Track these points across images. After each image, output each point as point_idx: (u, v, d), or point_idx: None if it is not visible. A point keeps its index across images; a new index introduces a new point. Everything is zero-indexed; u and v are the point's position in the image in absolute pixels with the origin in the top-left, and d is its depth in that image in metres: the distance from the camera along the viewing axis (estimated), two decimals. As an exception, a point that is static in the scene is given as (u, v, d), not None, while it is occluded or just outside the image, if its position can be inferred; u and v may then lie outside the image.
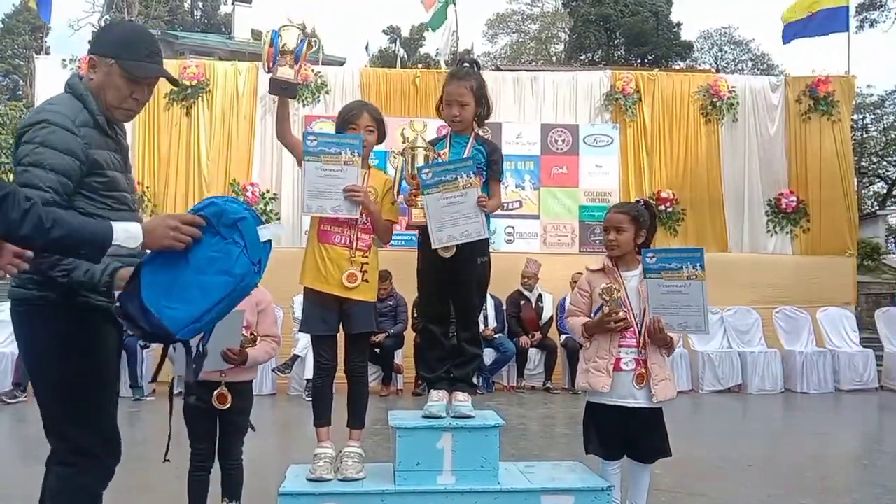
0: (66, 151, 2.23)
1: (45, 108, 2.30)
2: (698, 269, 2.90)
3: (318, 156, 3.01)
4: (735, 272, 9.78)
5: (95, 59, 2.39)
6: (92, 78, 2.38)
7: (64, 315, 2.27)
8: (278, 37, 3.06)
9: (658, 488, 4.14)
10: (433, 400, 3.17)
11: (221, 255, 2.16)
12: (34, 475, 4.48)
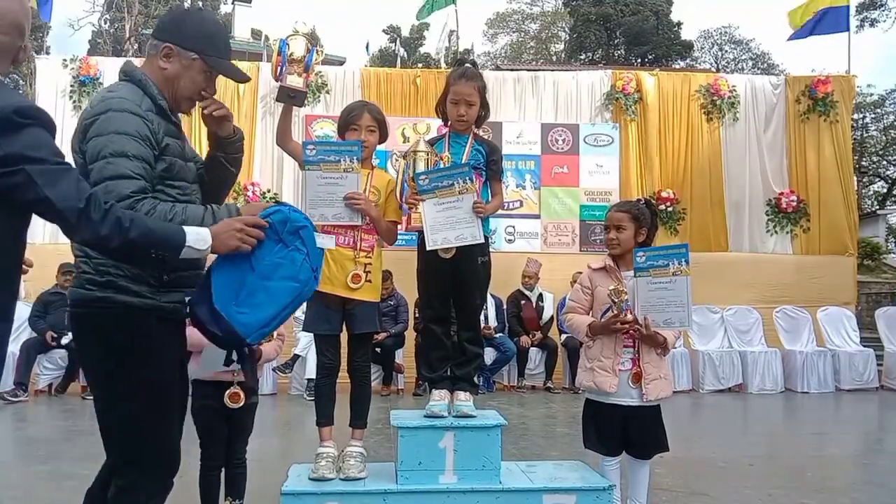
0: (142, 138, 2.15)
1: (109, 97, 2.19)
2: (683, 264, 2.93)
3: (317, 164, 3.02)
4: (735, 272, 9.81)
5: (174, 50, 2.29)
6: (165, 68, 2.29)
7: (128, 319, 2.15)
8: (286, 46, 3.08)
9: (659, 487, 4.15)
10: (435, 399, 3.18)
11: (286, 262, 2.21)
12: (35, 475, 4.52)
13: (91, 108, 2.17)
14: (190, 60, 2.31)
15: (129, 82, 2.26)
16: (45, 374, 7.86)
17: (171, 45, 2.29)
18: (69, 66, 9.56)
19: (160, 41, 2.30)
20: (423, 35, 35.58)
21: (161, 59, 2.30)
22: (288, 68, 3.06)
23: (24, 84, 30.86)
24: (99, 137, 2.11)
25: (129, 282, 2.14)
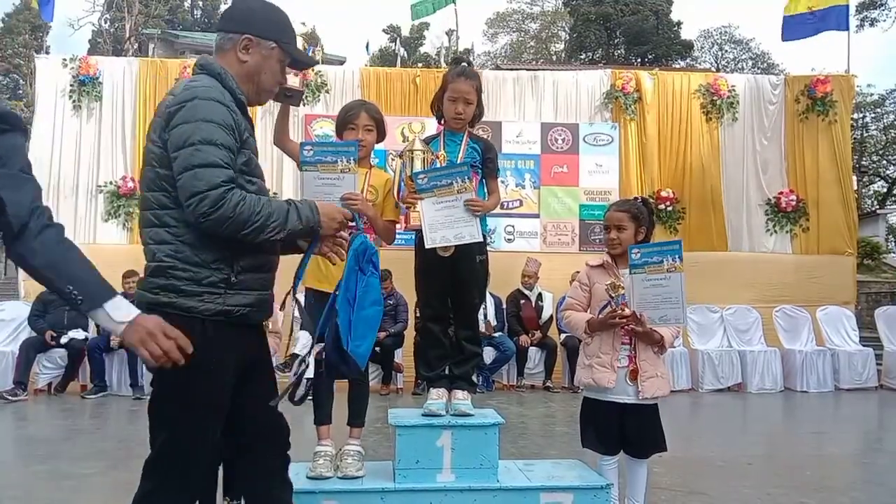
0: (228, 127, 2.09)
1: (194, 86, 2.12)
2: (677, 260, 2.93)
3: (314, 165, 3.02)
4: (735, 271, 9.81)
5: (253, 41, 2.23)
6: (246, 60, 2.23)
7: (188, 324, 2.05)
8: None
9: (657, 486, 4.15)
10: (433, 398, 3.18)
11: (371, 288, 2.35)
12: (34, 474, 4.52)
13: (175, 97, 2.11)
14: (269, 50, 2.26)
15: (206, 76, 2.19)
16: (45, 374, 7.86)
17: (250, 35, 2.23)
18: (69, 66, 9.56)
19: (236, 33, 2.23)
20: (422, 35, 35.61)
21: (240, 51, 2.23)
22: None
23: (24, 84, 30.90)
24: (185, 125, 2.04)
25: (193, 285, 2.08)
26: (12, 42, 32.77)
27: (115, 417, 6.80)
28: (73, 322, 8.00)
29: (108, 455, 5.02)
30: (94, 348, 7.79)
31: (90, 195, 9.46)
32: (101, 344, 7.80)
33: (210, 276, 2.09)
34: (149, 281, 2.13)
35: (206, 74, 2.19)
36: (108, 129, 9.58)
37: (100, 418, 6.73)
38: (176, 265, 2.08)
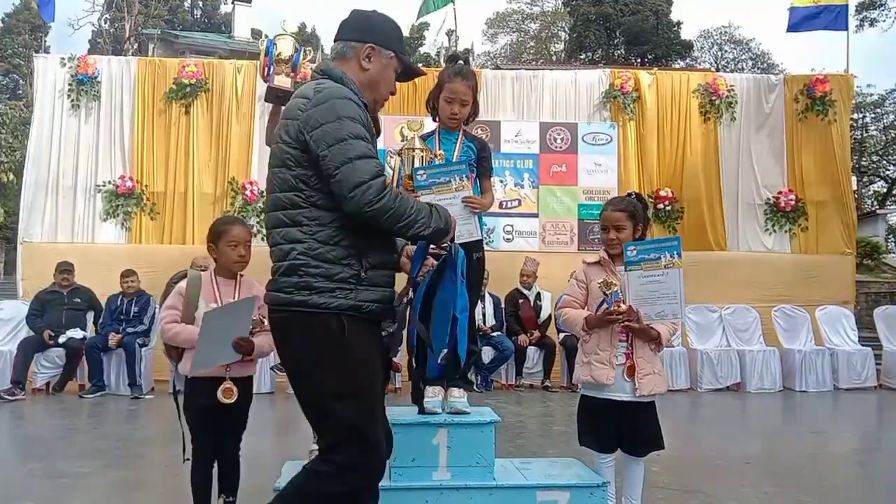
0: (365, 125, 2.17)
1: (326, 88, 2.18)
2: (675, 257, 2.92)
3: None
4: (734, 271, 9.80)
5: (375, 49, 2.30)
6: (368, 68, 2.30)
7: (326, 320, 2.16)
8: (273, 46, 3.07)
9: (655, 485, 4.14)
10: (429, 396, 3.17)
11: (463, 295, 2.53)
12: (30, 472, 4.52)
13: (309, 99, 2.16)
14: (388, 59, 2.33)
15: (329, 80, 2.24)
16: (43, 373, 7.84)
17: (373, 44, 2.30)
18: (67, 65, 9.54)
19: (359, 42, 2.30)
20: (422, 35, 35.57)
21: (363, 59, 2.30)
22: (275, 68, 3.06)
23: (23, 84, 30.89)
24: (329, 124, 2.11)
25: (325, 281, 2.14)
26: (12, 42, 32.76)
27: (113, 417, 6.79)
28: (71, 321, 8.00)
29: (105, 454, 5.01)
30: (92, 348, 7.77)
31: (88, 194, 9.44)
32: (100, 343, 7.80)
33: (341, 272, 2.15)
34: (280, 281, 2.19)
35: (328, 79, 2.25)
36: (107, 129, 9.57)
37: (97, 418, 6.72)
38: (308, 262, 2.14)
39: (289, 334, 2.22)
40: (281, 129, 2.22)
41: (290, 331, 2.21)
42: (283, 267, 2.17)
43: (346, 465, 2.14)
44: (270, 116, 3.27)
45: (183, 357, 3.03)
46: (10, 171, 20.00)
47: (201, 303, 3.02)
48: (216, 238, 3.11)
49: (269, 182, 2.27)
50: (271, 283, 2.23)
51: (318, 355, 2.17)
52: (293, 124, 2.16)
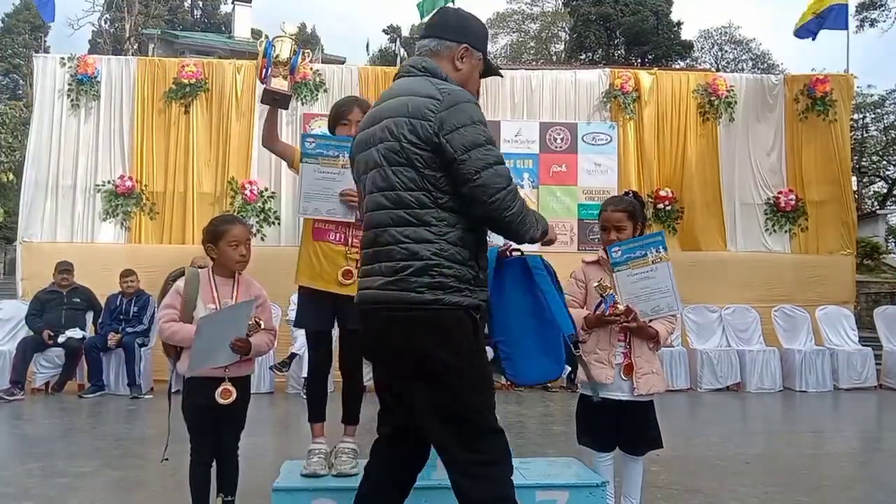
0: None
1: (450, 89, 2.20)
2: (661, 251, 2.92)
3: (315, 158, 3.01)
4: (733, 271, 9.79)
5: (469, 50, 2.34)
6: (461, 69, 2.33)
7: (459, 317, 2.21)
8: (272, 47, 3.05)
9: (655, 485, 4.14)
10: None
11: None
12: (28, 472, 4.51)
13: (437, 100, 2.17)
14: (477, 61, 2.37)
15: (429, 77, 2.26)
16: (42, 373, 7.83)
17: (468, 45, 2.34)
18: (67, 65, 9.54)
19: (454, 42, 2.33)
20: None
21: (458, 59, 2.33)
22: (273, 70, 3.04)
23: (23, 84, 30.90)
24: (465, 127, 2.14)
25: (457, 281, 2.19)
26: (12, 42, 32.78)
27: (112, 417, 6.79)
28: (70, 321, 7.99)
29: (104, 453, 5.01)
30: (92, 348, 7.77)
31: (88, 194, 9.43)
32: (99, 343, 7.79)
33: (466, 273, 2.22)
34: (412, 280, 2.18)
35: (431, 76, 2.27)
36: (106, 129, 9.56)
37: (96, 417, 6.72)
38: (442, 263, 2.17)
39: (423, 332, 2.19)
40: (402, 127, 2.18)
41: (424, 329, 2.19)
42: (414, 267, 2.17)
43: (500, 452, 2.25)
44: (268, 117, 3.25)
45: (181, 356, 3.03)
46: (9, 171, 20.00)
47: (199, 303, 3.00)
48: (215, 238, 3.08)
49: (380, 179, 2.24)
50: (394, 283, 2.19)
51: (456, 351, 2.20)
52: (424, 125, 2.15)
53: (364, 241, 2.35)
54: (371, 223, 2.29)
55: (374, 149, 2.26)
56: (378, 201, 2.25)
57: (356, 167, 2.42)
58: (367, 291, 2.28)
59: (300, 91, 9.56)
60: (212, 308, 2.99)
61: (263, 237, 9.45)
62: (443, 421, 2.23)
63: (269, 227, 9.56)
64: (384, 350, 2.32)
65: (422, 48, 2.37)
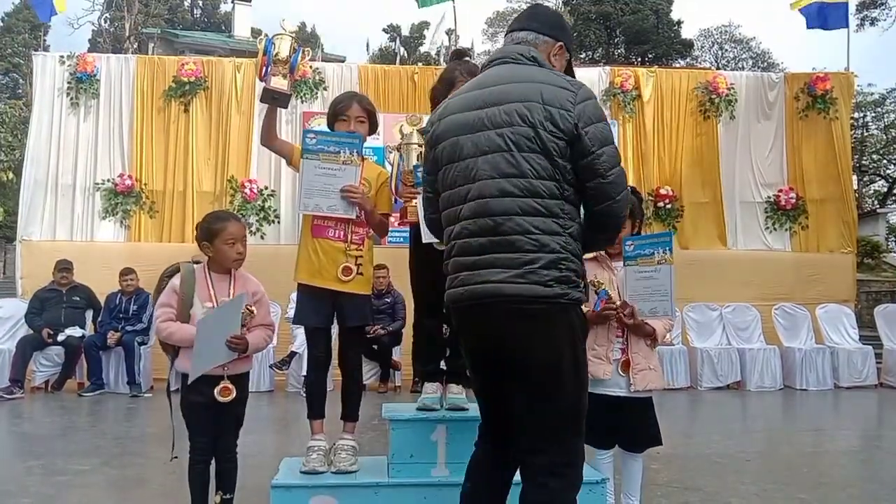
0: None
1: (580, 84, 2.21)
2: (668, 253, 2.91)
3: (316, 154, 3.00)
4: (734, 269, 9.78)
5: (563, 50, 2.39)
6: (554, 65, 2.34)
7: (579, 312, 2.23)
8: (272, 45, 3.04)
9: (654, 483, 4.13)
10: (427, 392, 3.16)
11: None
12: (27, 470, 4.51)
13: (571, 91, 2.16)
14: (565, 62, 2.40)
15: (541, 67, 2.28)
16: (42, 371, 7.83)
17: (563, 44, 2.38)
18: (66, 63, 9.52)
19: (551, 38, 2.36)
20: (423, 34, 35.57)
21: (553, 56, 2.35)
22: (273, 69, 3.02)
23: (23, 83, 30.89)
24: (600, 123, 2.17)
25: (576, 276, 2.19)
26: (12, 41, 32.76)
27: (112, 415, 6.78)
28: (70, 320, 7.98)
29: (103, 452, 5.01)
30: (91, 346, 7.76)
31: (87, 193, 9.43)
32: (98, 342, 7.79)
33: (580, 269, 2.23)
34: (542, 273, 2.11)
35: (538, 66, 2.27)
36: (106, 127, 9.54)
37: (96, 416, 6.71)
38: (568, 257, 2.14)
39: (551, 327, 2.15)
40: (537, 113, 2.12)
41: (552, 323, 2.14)
42: (544, 260, 2.11)
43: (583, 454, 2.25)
44: (267, 116, 3.23)
45: (180, 353, 3.01)
46: (9, 170, 20.01)
47: (196, 301, 2.98)
48: (211, 236, 3.04)
49: (507, 164, 2.14)
50: (522, 275, 2.11)
51: (575, 347, 2.20)
52: (563, 114, 2.11)
53: (473, 229, 2.18)
54: (489, 210, 2.15)
55: (494, 132, 2.16)
56: (503, 187, 2.14)
57: (444, 150, 2.29)
58: (487, 286, 2.15)
59: (300, 89, 9.55)
60: (209, 306, 2.97)
61: (263, 236, 9.45)
62: (553, 418, 2.17)
63: (269, 225, 9.55)
64: (501, 347, 2.20)
65: (518, 39, 2.35)
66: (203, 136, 9.63)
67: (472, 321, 2.25)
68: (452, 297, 2.28)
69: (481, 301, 2.17)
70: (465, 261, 2.22)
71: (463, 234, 2.22)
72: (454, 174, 2.25)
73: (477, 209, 2.18)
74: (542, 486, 2.13)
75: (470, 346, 2.36)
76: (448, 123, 2.29)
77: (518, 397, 2.20)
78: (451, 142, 2.26)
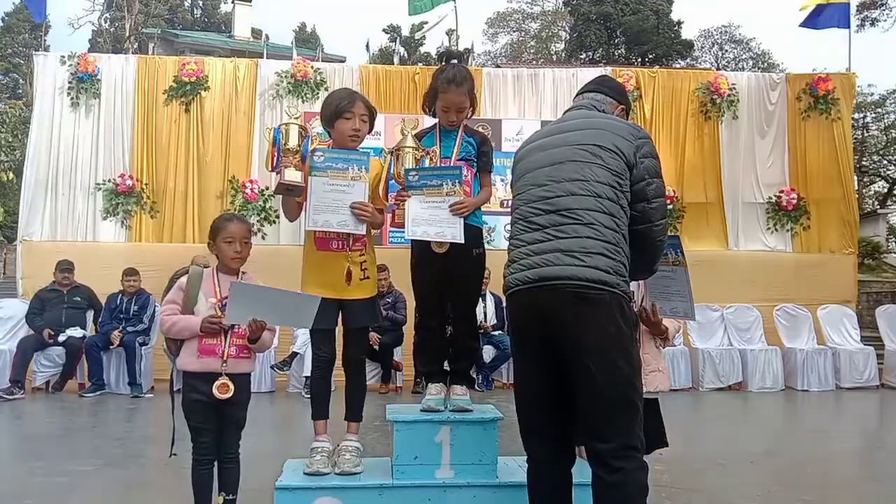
0: None
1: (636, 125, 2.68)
2: (680, 255, 2.94)
3: (325, 171, 2.99)
4: (735, 269, 9.77)
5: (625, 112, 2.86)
6: None
7: (629, 304, 2.50)
8: (280, 134, 3.03)
9: (658, 484, 4.11)
10: (431, 393, 3.15)
11: None
12: (29, 470, 4.50)
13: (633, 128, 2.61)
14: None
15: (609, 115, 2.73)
16: (42, 372, 7.81)
17: (624, 107, 2.85)
18: (67, 63, 9.51)
19: (616, 101, 2.83)
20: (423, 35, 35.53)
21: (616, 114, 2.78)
22: (284, 160, 3.02)
23: (23, 83, 30.87)
24: (653, 158, 2.57)
25: (626, 271, 2.47)
26: (12, 41, 32.76)
27: (113, 416, 6.76)
28: (70, 320, 7.97)
29: (104, 453, 4.99)
30: (92, 346, 7.75)
31: (88, 193, 9.42)
32: (99, 342, 7.77)
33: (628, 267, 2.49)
34: (601, 261, 2.41)
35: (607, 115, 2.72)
36: (107, 127, 9.53)
37: (97, 416, 6.70)
38: (621, 252, 2.46)
39: (607, 312, 2.40)
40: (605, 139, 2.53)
41: (607, 309, 2.40)
42: (604, 249, 2.41)
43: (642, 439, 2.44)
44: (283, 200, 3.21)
45: (181, 352, 3.01)
46: (9, 170, 19.98)
47: (200, 296, 3.00)
48: (214, 235, 3.09)
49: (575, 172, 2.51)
50: (583, 259, 2.40)
51: (630, 334, 2.47)
52: (626, 143, 2.52)
53: (542, 222, 2.51)
54: (557, 207, 2.49)
55: (564, 148, 2.57)
56: (568, 188, 2.50)
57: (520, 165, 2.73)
58: (552, 268, 2.43)
59: (301, 89, 9.58)
60: (213, 301, 2.98)
61: (264, 236, 9.43)
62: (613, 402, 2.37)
63: (270, 225, 9.53)
64: (563, 327, 2.42)
65: (594, 98, 2.80)
66: (204, 136, 9.61)
67: (536, 302, 2.48)
68: (519, 280, 2.53)
69: (546, 283, 2.44)
70: (531, 248, 2.52)
71: (531, 227, 2.56)
72: (527, 183, 2.64)
73: (546, 207, 2.53)
74: (617, 469, 2.33)
75: (529, 329, 2.56)
76: (530, 147, 2.74)
77: (579, 380, 2.41)
78: (529, 160, 2.69)
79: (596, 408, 2.38)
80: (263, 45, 16.51)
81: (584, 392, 2.40)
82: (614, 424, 2.36)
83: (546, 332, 2.46)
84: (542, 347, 2.50)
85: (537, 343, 2.52)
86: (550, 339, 2.46)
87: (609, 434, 2.35)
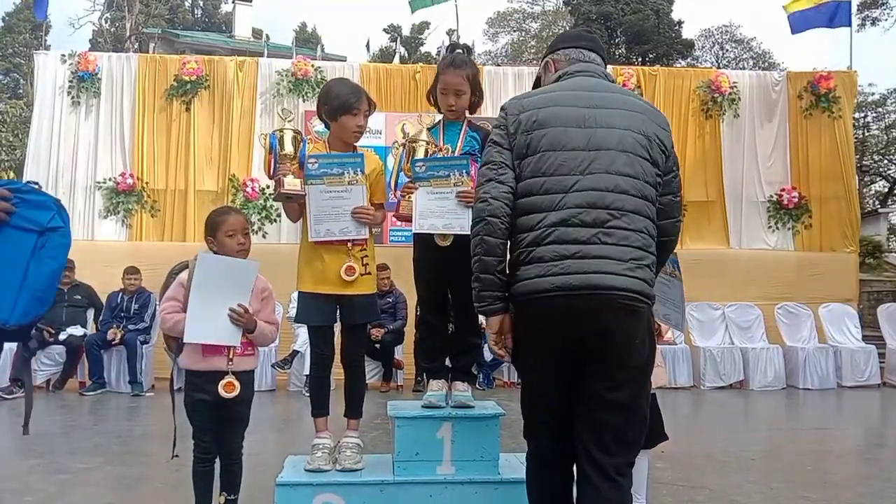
0: None
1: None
2: (677, 270, 2.93)
3: (321, 178, 2.97)
4: (736, 268, 9.76)
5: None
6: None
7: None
8: (276, 141, 3.02)
9: (660, 482, 4.11)
10: (432, 389, 3.14)
11: None
12: (30, 468, 4.49)
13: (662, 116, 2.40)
14: None
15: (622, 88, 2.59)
16: (43, 370, 7.81)
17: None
18: (67, 62, 9.51)
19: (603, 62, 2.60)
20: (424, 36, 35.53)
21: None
22: (282, 167, 3.02)
23: (24, 83, 30.87)
24: (674, 149, 2.40)
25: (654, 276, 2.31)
26: (13, 41, 32.74)
27: (114, 414, 6.76)
28: (71, 318, 7.97)
29: (105, 450, 4.99)
30: (93, 345, 7.74)
31: (88, 192, 9.41)
32: (100, 341, 7.77)
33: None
34: (645, 271, 2.23)
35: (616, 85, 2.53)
36: (107, 126, 9.53)
37: (97, 415, 6.70)
38: (652, 259, 2.28)
39: (648, 325, 2.27)
40: (651, 127, 2.30)
41: (648, 322, 2.27)
42: (648, 260, 2.25)
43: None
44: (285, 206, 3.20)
45: (183, 350, 2.99)
46: (10, 170, 19.98)
47: (201, 291, 2.97)
48: (213, 230, 3.05)
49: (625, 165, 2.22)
50: (632, 272, 2.18)
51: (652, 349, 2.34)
52: (666, 135, 2.34)
53: (585, 219, 2.17)
54: (605, 202, 2.19)
55: (608, 130, 2.24)
56: (618, 184, 2.21)
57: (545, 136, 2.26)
58: (599, 276, 2.15)
59: (301, 88, 9.57)
60: None
61: (265, 234, 9.42)
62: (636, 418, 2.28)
63: (271, 224, 9.53)
64: (604, 338, 2.18)
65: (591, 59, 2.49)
66: (205, 135, 9.61)
67: (574, 309, 2.17)
68: (556, 285, 2.17)
69: (590, 292, 2.16)
70: (571, 249, 2.17)
71: (571, 222, 2.18)
72: (557, 162, 2.23)
73: (591, 200, 2.19)
74: (620, 485, 2.22)
75: (560, 335, 2.23)
76: (552, 113, 2.28)
77: (603, 391, 2.21)
78: (558, 131, 2.25)
79: (613, 421, 2.21)
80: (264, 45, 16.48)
81: (606, 404, 2.21)
82: (626, 441, 2.24)
83: (581, 340, 2.21)
84: (567, 352, 2.26)
85: (563, 347, 2.25)
86: (582, 346, 2.21)
87: (617, 449, 2.22)
